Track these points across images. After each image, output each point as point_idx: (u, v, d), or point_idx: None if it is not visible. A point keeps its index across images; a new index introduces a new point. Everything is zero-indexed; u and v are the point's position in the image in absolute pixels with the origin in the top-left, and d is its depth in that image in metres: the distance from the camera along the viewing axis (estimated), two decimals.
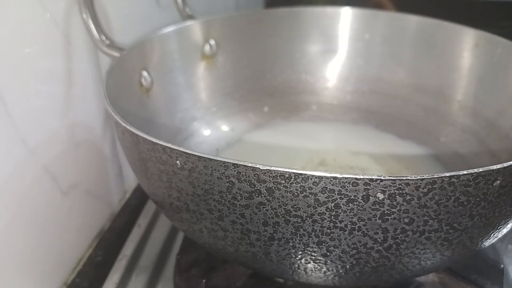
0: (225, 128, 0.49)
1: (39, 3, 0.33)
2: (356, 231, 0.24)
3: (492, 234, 0.27)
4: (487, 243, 0.28)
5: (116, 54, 0.37)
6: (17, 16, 0.31)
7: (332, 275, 0.27)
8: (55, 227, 0.36)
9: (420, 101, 0.48)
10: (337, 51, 0.51)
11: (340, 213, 0.23)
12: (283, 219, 0.24)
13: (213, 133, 0.48)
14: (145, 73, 0.41)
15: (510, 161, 0.23)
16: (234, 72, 0.50)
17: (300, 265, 0.27)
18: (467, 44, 0.44)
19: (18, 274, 0.33)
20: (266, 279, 0.35)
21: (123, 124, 0.27)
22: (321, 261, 0.26)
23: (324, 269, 0.27)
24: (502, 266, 0.35)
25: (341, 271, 0.27)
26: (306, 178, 0.22)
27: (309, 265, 0.27)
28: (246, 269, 0.35)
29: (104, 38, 0.37)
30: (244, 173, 0.23)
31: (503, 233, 0.28)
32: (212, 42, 0.47)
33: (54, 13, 0.34)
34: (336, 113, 0.52)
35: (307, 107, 0.52)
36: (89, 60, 0.39)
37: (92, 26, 0.36)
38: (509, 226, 0.28)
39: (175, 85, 0.45)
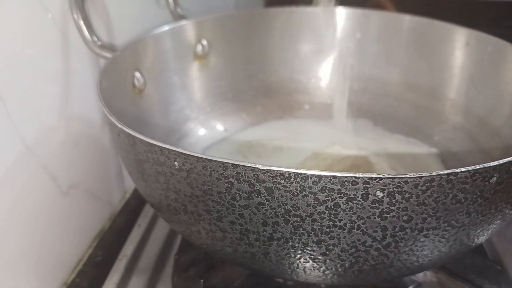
0: (219, 128, 0.49)
1: (40, 4, 0.32)
2: (355, 230, 0.24)
3: (487, 231, 0.27)
4: (483, 239, 0.29)
5: (108, 55, 0.37)
6: (18, 17, 0.31)
7: (331, 274, 0.27)
8: (55, 227, 0.36)
9: (412, 100, 0.48)
10: (329, 50, 0.51)
11: (340, 211, 0.23)
12: (283, 218, 0.24)
13: (207, 133, 0.47)
14: (137, 74, 0.40)
15: (502, 158, 0.23)
16: (227, 72, 0.50)
17: (299, 264, 0.27)
18: (458, 43, 0.44)
19: (18, 274, 0.32)
20: (264, 279, 0.35)
21: (119, 126, 0.27)
22: (320, 260, 0.26)
23: (323, 268, 0.27)
24: (499, 266, 0.35)
25: (340, 269, 0.27)
26: (306, 177, 0.22)
27: (308, 264, 0.27)
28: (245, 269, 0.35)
29: (96, 39, 0.36)
30: (243, 173, 0.23)
31: (498, 229, 0.28)
32: (204, 42, 0.47)
33: (55, 14, 0.34)
34: (329, 112, 0.52)
35: (300, 107, 0.52)
36: (89, 60, 0.39)
37: (84, 28, 0.36)
38: (504, 222, 0.28)
39: (169, 85, 0.45)
